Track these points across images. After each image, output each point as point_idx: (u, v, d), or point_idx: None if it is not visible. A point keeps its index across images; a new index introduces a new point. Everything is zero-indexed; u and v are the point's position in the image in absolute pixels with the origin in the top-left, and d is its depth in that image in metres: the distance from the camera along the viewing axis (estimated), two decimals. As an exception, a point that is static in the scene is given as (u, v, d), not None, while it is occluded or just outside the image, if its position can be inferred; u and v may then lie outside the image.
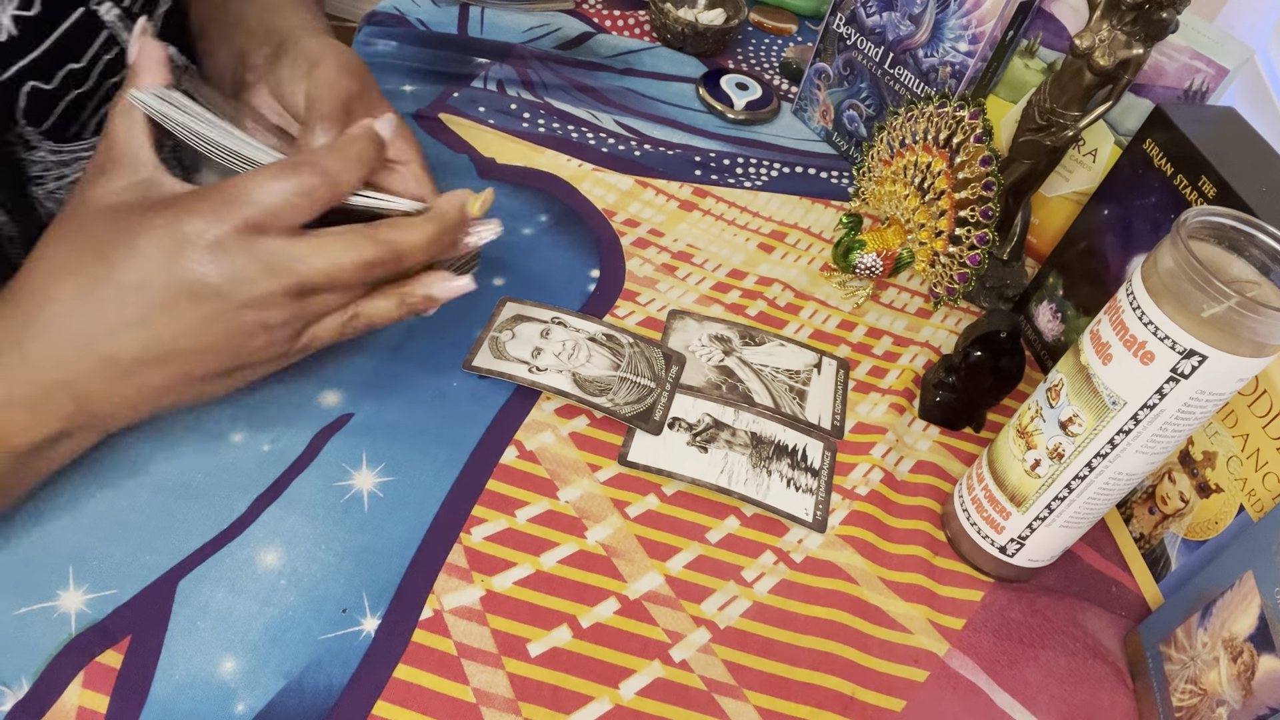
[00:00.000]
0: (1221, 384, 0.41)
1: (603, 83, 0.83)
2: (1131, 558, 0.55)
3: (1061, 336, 0.64)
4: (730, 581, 0.49)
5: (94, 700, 0.39)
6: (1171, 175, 0.54)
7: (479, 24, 0.85)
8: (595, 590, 0.47)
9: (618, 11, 0.92)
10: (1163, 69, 0.63)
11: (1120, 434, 0.43)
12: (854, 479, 0.55)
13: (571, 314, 0.60)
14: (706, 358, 0.60)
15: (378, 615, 0.44)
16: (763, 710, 0.45)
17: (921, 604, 0.50)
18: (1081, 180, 0.69)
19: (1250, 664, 0.41)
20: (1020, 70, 0.69)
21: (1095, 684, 0.49)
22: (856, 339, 0.65)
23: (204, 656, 0.41)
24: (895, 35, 0.72)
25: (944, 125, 0.64)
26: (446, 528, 0.48)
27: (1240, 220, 0.42)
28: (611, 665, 0.45)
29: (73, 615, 0.41)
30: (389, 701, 0.41)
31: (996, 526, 0.50)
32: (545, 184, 0.70)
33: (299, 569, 0.45)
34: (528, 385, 0.55)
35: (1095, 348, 0.44)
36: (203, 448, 0.48)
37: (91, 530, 0.44)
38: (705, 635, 0.47)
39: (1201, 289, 0.39)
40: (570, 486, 0.52)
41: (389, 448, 0.51)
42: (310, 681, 0.41)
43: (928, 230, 0.66)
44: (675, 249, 0.68)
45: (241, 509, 0.46)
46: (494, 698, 0.42)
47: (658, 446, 0.54)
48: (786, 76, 0.90)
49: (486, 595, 0.46)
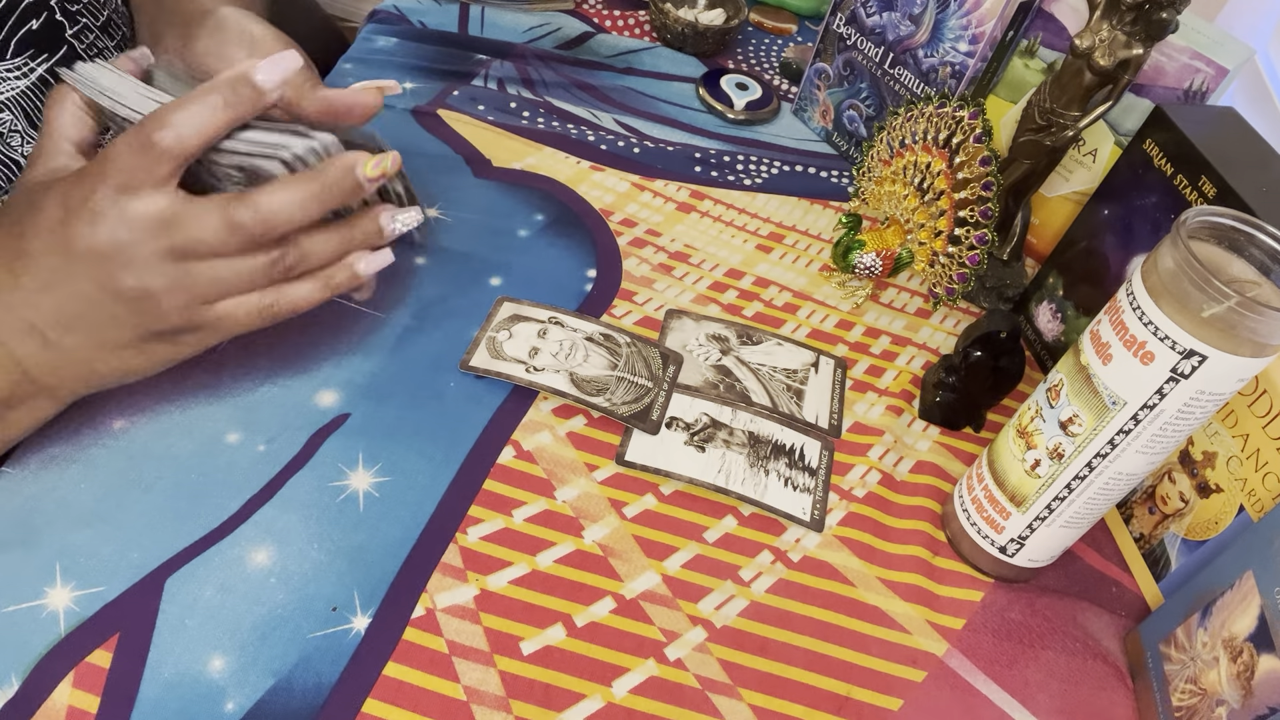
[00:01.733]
0: (1221, 384, 0.40)
1: (603, 81, 0.83)
2: (1131, 558, 0.55)
3: (1061, 336, 0.64)
4: (727, 581, 0.49)
5: (84, 700, 0.39)
6: (1171, 175, 0.54)
7: (479, 24, 0.85)
8: (591, 590, 0.47)
9: (618, 11, 0.92)
10: (1163, 69, 0.62)
11: (1120, 434, 0.43)
12: (851, 480, 0.55)
13: (569, 314, 0.60)
14: (704, 357, 0.60)
15: (369, 614, 0.44)
16: (757, 709, 0.44)
17: (920, 604, 0.50)
18: (1081, 180, 0.69)
19: (1250, 664, 0.41)
20: (1020, 70, 0.68)
21: (1095, 684, 0.49)
22: (854, 338, 0.65)
23: (193, 655, 0.41)
24: (895, 35, 0.72)
25: (944, 125, 0.64)
26: (442, 527, 0.48)
27: (1240, 220, 0.41)
28: (605, 664, 0.45)
29: (61, 613, 0.41)
30: (379, 699, 0.41)
31: (996, 526, 0.50)
32: (542, 184, 0.70)
33: (289, 567, 0.44)
34: (525, 385, 0.54)
35: (1095, 348, 0.44)
36: (197, 448, 0.48)
37: (80, 528, 0.44)
38: (701, 634, 0.47)
39: (1201, 289, 0.38)
40: (567, 486, 0.51)
41: (386, 448, 0.50)
42: (299, 680, 0.41)
43: (927, 230, 0.66)
44: (672, 249, 0.68)
45: (233, 508, 0.46)
46: (485, 695, 0.42)
47: (655, 446, 0.54)
48: (786, 76, 0.90)
49: (480, 594, 0.46)
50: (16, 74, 0.48)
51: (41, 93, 0.50)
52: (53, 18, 0.50)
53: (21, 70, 0.48)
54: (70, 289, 0.40)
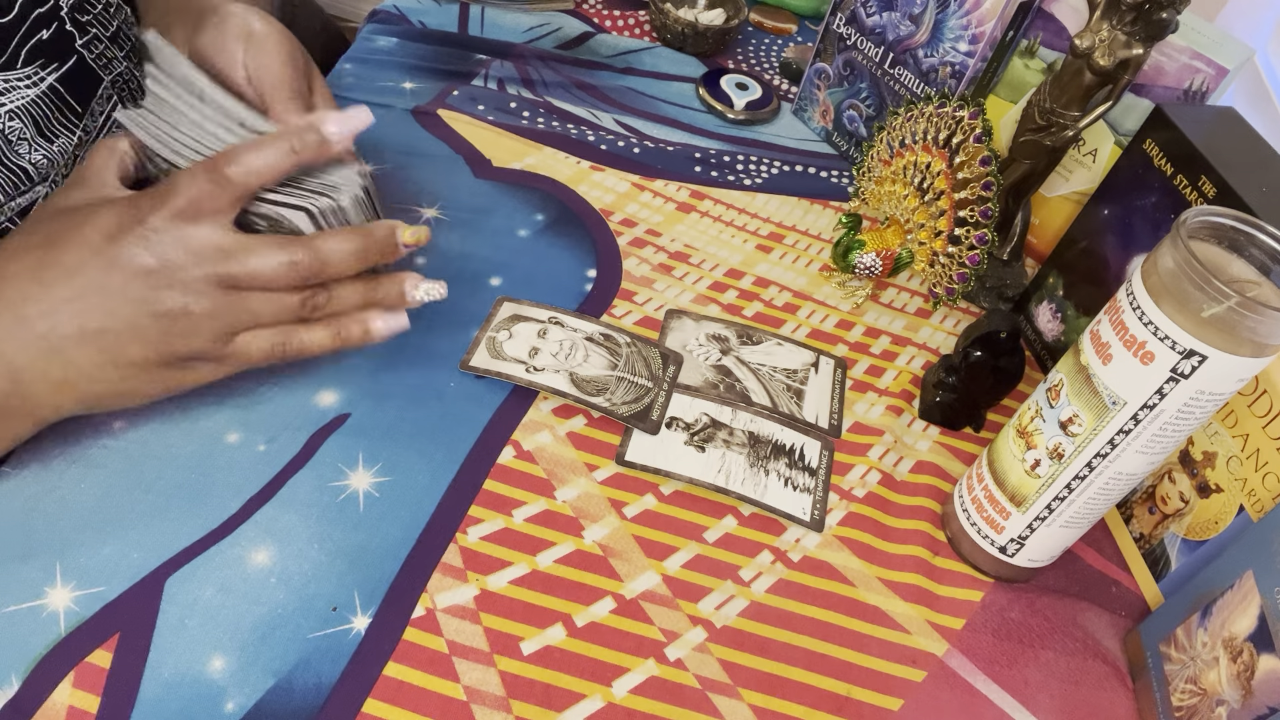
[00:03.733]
0: (1221, 384, 0.40)
1: (603, 81, 0.82)
2: (1131, 558, 0.55)
3: (1061, 336, 0.64)
4: (728, 581, 0.49)
5: (84, 700, 0.39)
6: (1171, 175, 0.54)
7: (479, 24, 0.85)
8: (591, 590, 0.47)
9: (618, 11, 0.92)
10: (1163, 69, 0.62)
11: (1120, 434, 0.43)
12: (851, 480, 0.55)
13: (569, 314, 0.60)
14: (704, 357, 0.60)
15: (369, 614, 0.44)
16: (757, 709, 0.44)
17: (920, 604, 0.50)
18: (1081, 180, 0.69)
19: (1250, 664, 0.41)
20: (1020, 70, 0.68)
21: (1095, 684, 0.49)
22: (854, 338, 0.65)
23: (193, 655, 0.41)
24: (895, 35, 0.72)
25: (944, 125, 0.64)
26: (442, 527, 0.48)
27: (1240, 220, 0.41)
28: (605, 664, 0.45)
29: (61, 613, 0.41)
30: (379, 699, 0.41)
31: (996, 526, 0.50)
32: (542, 184, 0.70)
33: (289, 568, 0.44)
34: (525, 385, 0.54)
35: (1095, 348, 0.44)
36: (197, 448, 0.48)
37: (80, 528, 0.44)
38: (701, 634, 0.47)
39: (1201, 289, 0.38)
40: (567, 486, 0.51)
41: (386, 448, 0.50)
42: (299, 680, 0.41)
43: (927, 230, 0.66)
44: (672, 249, 0.68)
45: (234, 508, 0.46)
46: (485, 695, 0.42)
47: (655, 446, 0.54)
48: (786, 76, 0.90)
49: (481, 594, 0.46)
50: (26, 83, 0.48)
51: (51, 102, 0.51)
52: (63, 28, 0.51)
53: (32, 79, 0.49)
54: (102, 301, 0.40)
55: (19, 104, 0.48)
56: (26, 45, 0.50)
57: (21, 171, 0.50)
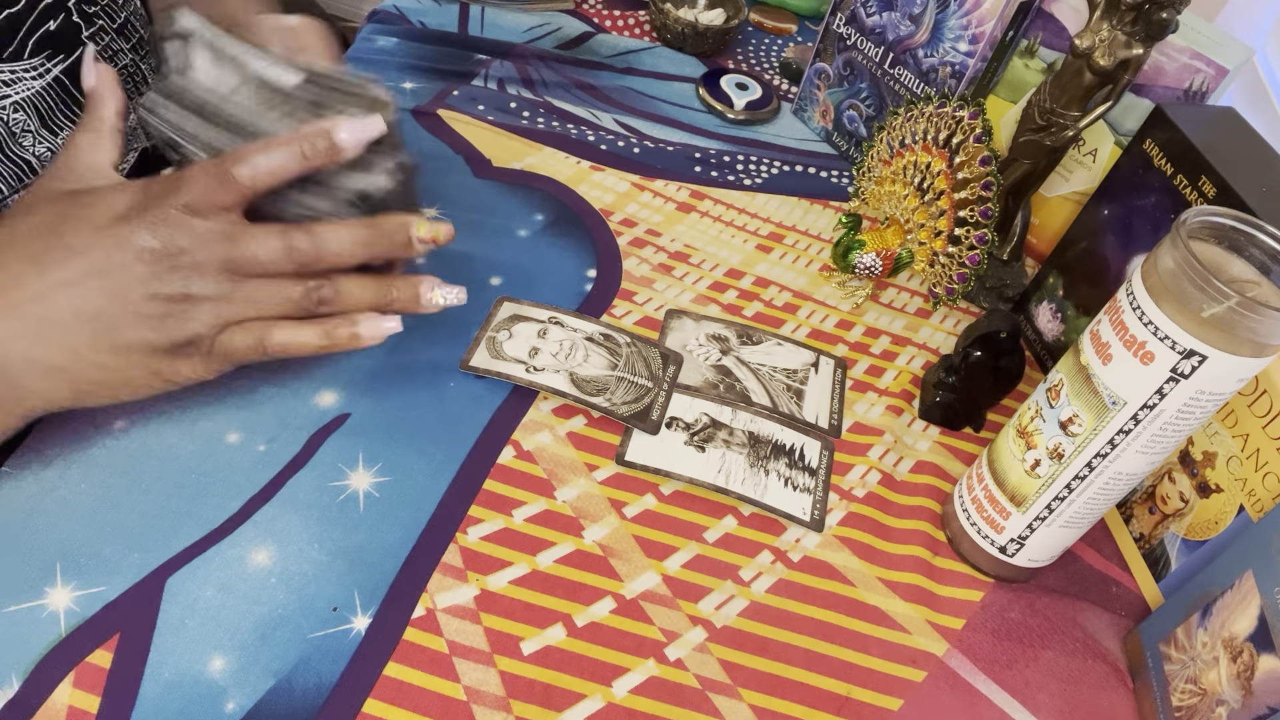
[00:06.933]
0: (1221, 384, 0.40)
1: (603, 81, 0.82)
2: (1131, 558, 0.55)
3: (1061, 336, 0.64)
4: (728, 581, 0.49)
5: (84, 700, 0.39)
6: (1171, 175, 0.54)
7: (479, 23, 0.85)
8: (591, 590, 0.47)
9: (618, 11, 0.92)
10: (1163, 69, 0.62)
11: (1120, 434, 0.43)
12: (851, 480, 0.55)
13: (569, 314, 0.60)
14: (704, 357, 0.60)
15: (369, 614, 0.44)
16: (757, 709, 0.44)
17: (920, 604, 0.50)
18: (1081, 180, 0.69)
19: (1250, 664, 0.41)
20: (1020, 70, 0.68)
21: (1095, 684, 0.49)
22: (854, 338, 0.65)
23: (193, 655, 0.41)
24: (895, 35, 0.72)
25: (944, 125, 0.64)
26: (442, 527, 0.48)
27: (1240, 220, 0.41)
28: (605, 664, 0.45)
29: (61, 613, 0.41)
30: (379, 700, 0.41)
31: (996, 526, 0.50)
32: (542, 184, 0.70)
33: (290, 568, 0.44)
34: (525, 385, 0.54)
35: (1095, 348, 0.44)
36: (197, 449, 0.48)
37: (80, 528, 0.44)
38: (701, 634, 0.47)
39: (1201, 289, 0.38)
40: (568, 486, 0.51)
41: (386, 448, 0.50)
42: (300, 680, 0.41)
43: (927, 230, 0.66)
44: (672, 249, 0.68)
45: (234, 508, 0.46)
46: (485, 695, 0.42)
47: (655, 446, 0.54)
48: (786, 76, 0.90)
49: (481, 594, 0.46)
50: (33, 74, 0.48)
51: (56, 93, 0.50)
52: (70, 19, 0.50)
53: (38, 70, 0.49)
54: (102, 283, 0.41)
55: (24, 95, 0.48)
56: (34, 36, 0.50)
57: (25, 164, 0.50)
